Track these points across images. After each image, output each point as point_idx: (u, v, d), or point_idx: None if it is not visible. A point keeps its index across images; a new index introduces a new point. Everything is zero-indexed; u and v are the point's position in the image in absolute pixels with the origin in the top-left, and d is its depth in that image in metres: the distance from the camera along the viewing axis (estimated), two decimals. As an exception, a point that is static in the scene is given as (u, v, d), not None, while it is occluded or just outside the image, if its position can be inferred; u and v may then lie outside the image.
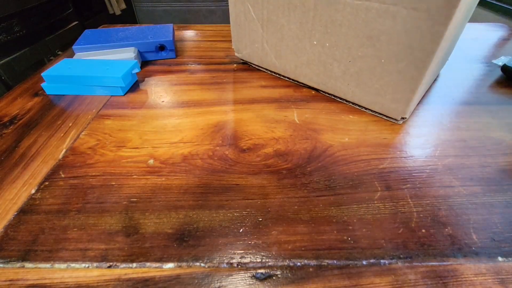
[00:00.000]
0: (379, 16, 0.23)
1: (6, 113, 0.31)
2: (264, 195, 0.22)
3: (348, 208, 0.21)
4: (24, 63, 0.81)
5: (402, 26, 0.22)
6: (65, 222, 0.20)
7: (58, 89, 0.34)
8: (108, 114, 0.31)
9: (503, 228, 0.19)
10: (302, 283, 0.16)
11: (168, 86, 0.36)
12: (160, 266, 0.17)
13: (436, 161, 0.24)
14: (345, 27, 0.25)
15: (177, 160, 0.25)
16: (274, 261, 0.17)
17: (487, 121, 0.29)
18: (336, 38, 0.27)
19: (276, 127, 0.29)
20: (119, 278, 0.17)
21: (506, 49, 0.45)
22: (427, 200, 0.21)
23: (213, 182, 0.23)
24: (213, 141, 0.27)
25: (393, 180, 0.23)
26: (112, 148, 0.26)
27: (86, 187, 0.22)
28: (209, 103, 0.33)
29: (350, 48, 0.26)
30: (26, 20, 0.81)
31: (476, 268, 0.17)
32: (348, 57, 0.27)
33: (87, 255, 0.18)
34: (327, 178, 0.23)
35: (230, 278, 0.17)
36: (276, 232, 0.19)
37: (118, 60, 0.37)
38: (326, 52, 0.28)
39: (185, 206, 0.21)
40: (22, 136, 0.28)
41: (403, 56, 0.24)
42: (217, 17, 1.21)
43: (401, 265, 0.17)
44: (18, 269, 0.17)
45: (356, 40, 0.26)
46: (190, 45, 0.49)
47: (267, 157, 0.25)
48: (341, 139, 0.27)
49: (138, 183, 0.23)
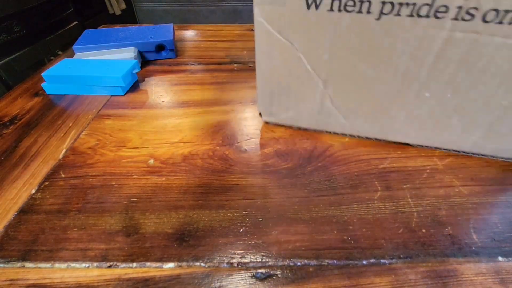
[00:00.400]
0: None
1: (6, 113, 0.31)
2: (264, 195, 0.22)
3: (348, 208, 0.20)
4: (24, 63, 0.81)
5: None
6: (65, 222, 0.20)
7: (58, 89, 0.34)
8: (108, 114, 0.31)
9: (503, 228, 0.19)
10: (302, 283, 0.16)
11: (168, 86, 0.36)
12: (160, 266, 0.17)
13: (436, 160, 0.24)
14: (490, 73, 0.19)
15: (177, 160, 0.25)
16: (274, 261, 0.17)
17: (488, 121, 0.29)
18: (467, 88, 0.21)
19: (276, 127, 0.29)
20: (119, 278, 0.17)
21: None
22: (427, 200, 0.21)
23: (213, 182, 0.23)
24: (213, 141, 0.27)
25: (393, 180, 0.23)
26: (112, 148, 0.26)
27: (86, 187, 0.22)
28: (209, 103, 0.33)
29: (491, 96, 0.20)
30: (26, 20, 0.81)
31: (476, 268, 0.17)
32: (484, 107, 0.21)
33: (87, 255, 0.18)
34: (327, 178, 0.23)
35: (230, 278, 0.17)
36: (276, 232, 0.19)
37: (118, 60, 0.37)
38: (444, 105, 0.22)
39: (185, 206, 0.21)
40: (22, 136, 0.28)
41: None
42: (217, 17, 1.21)
43: (401, 265, 0.17)
44: (18, 269, 0.17)
45: (503, 87, 0.20)
46: (190, 45, 0.49)
47: (267, 157, 0.25)
48: (341, 138, 0.27)
49: (138, 183, 0.23)
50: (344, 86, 0.24)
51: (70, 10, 1.00)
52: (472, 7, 0.17)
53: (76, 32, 1.00)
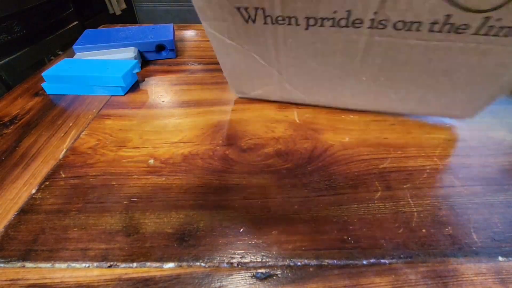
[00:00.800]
0: (463, 53, 0.21)
1: (6, 113, 0.31)
2: (265, 195, 0.22)
3: (349, 208, 0.20)
4: (25, 63, 0.81)
5: (492, 60, 0.21)
6: (65, 222, 0.20)
7: (59, 89, 0.34)
8: (109, 114, 0.31)
9: (503, 228, 0.19)
10: (302, 283, 0.16)
11: (169, 86, 0.36)
12: (161, 265, 0.17)
13: (436, 160, 0.24)
14: (411, 65, 0.23)
15: (177, 160, 0.25)
16: (274, 260, 0.17)
17: (488, 121, 0.29)
18: (394, 73, 0.25)
19: (276, 126, 0.29)
20: (120, 277, 0.17)
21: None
22: (427, 200, 0.21)
23: (213, 182, 0.23)
24: (214, 141, 0.27)
25: (393, 180, 0.23)
26: (113, 148, 0.26)
27: (86, 187, 0.22)
28: (210, 103, 0.33)
29: (414, 80, 0.25)
30: (27, 20, 0.81)
31: (477, 268, 0.17)
32: (411, 86, 0.26)
33: (88, 255, 0.18)
34: (327, 178, 0.23)
35: (230, 277, 0.17)
36: (276, 232, 0.19)
37: (119, 60, 0.37)
38: (380, 84, 0.26)
39: (185, 206, 0.21)
40: (23, 136, 0.28)
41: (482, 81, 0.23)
42: (217, 17, 1.21)
43: (401, 265, 0.17)
44: (18, 268, 0.17)
45: (424, 74, 0.24)
46: (191, 45, 0.49)
47: (268, 157, 0.25)
48: (341, 138, 0.27)
49: (139, 183, 0.23)
50: (297, 75, 0.28)
51: (70, 10, 1.00)
52: (382, 19, 0.20)
53: (76, 32, 1.00)
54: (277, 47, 0.25)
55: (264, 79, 0.29)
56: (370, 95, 0.28)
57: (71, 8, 1.00)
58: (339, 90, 0.28)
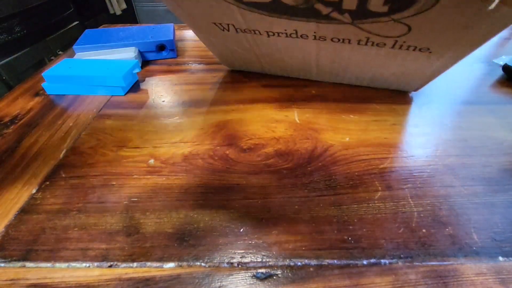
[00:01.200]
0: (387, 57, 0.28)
1: (7, 113, 0.31)
2: (265, 195, 0.22)
3: (349, 208, 0.20)
4: (25, 63, 0.81)
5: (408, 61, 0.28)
6: (66, 221, 0.20)
7: (59, 89, 0.34)
8: (109, 114, 0.31)
9: (504, 228, 0.19)
10: (302, 283, 0.16)
11: (169, 85, 0.36)
12: (161, 265, 0.17)
13: (437, 160, 0.24)
14: (354, 60, 0.30)
15: (177, 160, 0.25)
16: (274, 260, 0.17)
17: (489, 121, 0.29)
18: (346, 62, 0.31)
19: (276, 126, 0.29)
20: (120, 277, 0.17)
21: (507, 49, 0.45)
22: (427, 200, 0.21)
23: (213, 182, 0.23)
24: (214, 141, 0.27)
25: (393, 180, 0.23)
26: (113, 148, 0.26)
27: (86, 186, 0.22)
28: (210, 103, 0.33)
29: (361, 68, 0.32)
30: (27, 20, 0.81)
31: (477, 268, 0.17)
32: (360, 72, 0.32)
33: (88, 255, 0.18)
34: (327, 178, 0.23)
35: (230, 277, 0.17)
36: (276, 232, 0.19)
37: (119, 60, 0.37)
38: (338, 69, 0.33)
39: (185, 205, 0.21)
40: (23, 136, 0.28)
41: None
42: (217, 17, 1.20)
43: (401, 265, 0.17)
44: (19, 268, 0.17)
45: (367, 65, 0.30)
46: (191, 44, 0.49)
47: (268, 157, 0.25)
48: (341, 138, 0.27)
49: (139, 183, 0.23)
50: (271, 60, 0.35)
51: (71, 10, 1.00)
52: (321, 36, 0.27)
53: (77, 32, 1.00)
54: (252, 45, 0.32)
55: (245, 60, 0.36)
56: (333, 73, 0.35)
57: (71, 8, 1.00)
58: (307, 69, 0.35)
